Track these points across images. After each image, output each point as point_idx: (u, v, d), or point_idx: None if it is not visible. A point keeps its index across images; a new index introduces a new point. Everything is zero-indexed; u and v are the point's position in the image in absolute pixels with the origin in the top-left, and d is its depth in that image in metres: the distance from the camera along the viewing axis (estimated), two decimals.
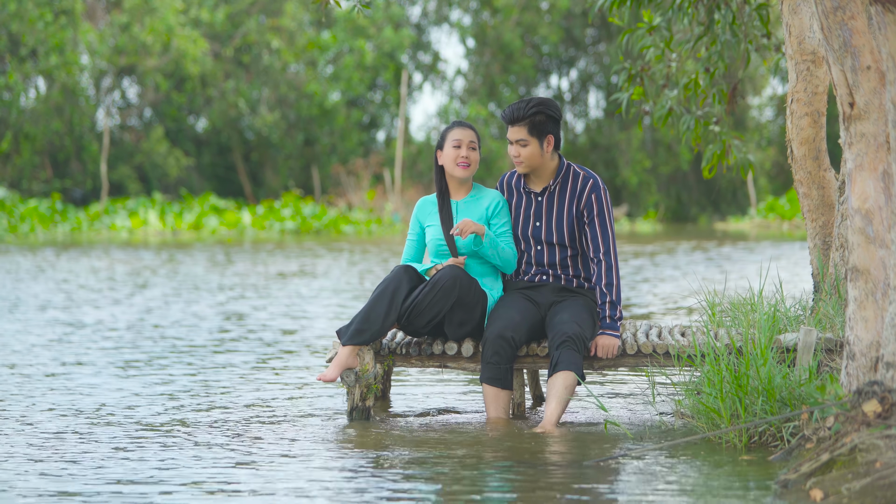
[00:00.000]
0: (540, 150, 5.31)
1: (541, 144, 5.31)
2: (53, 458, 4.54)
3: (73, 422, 5.32)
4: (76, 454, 4.61)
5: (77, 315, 9.85)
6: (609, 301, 5.29)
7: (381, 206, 30.27)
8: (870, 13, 3.99)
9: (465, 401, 5.98)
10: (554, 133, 5.34)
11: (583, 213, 5.34)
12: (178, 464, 4.43)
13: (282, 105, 34.59)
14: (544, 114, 5.30)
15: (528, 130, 5.29)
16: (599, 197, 5.33)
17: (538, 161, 5.34)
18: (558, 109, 5.36)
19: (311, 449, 4.72)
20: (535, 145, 5.31)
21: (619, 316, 5.29)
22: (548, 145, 5.33)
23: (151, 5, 32.40)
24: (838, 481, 3.68)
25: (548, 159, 5.36)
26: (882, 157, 4.14)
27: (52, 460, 4.50)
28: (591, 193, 5.33)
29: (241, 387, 6.37)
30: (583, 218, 5.34)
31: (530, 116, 5.29)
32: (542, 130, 5.30)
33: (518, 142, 5.31)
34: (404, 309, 5.21)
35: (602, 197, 5.33)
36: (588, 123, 38.03)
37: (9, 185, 30.66)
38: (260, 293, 11.98)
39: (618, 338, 5.27)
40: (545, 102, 5.31)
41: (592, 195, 5.33)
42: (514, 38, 35.10)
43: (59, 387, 6.31)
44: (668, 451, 4.59)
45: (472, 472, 4.28)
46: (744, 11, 7.35)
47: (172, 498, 3.93)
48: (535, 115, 5.29)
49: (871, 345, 4.17)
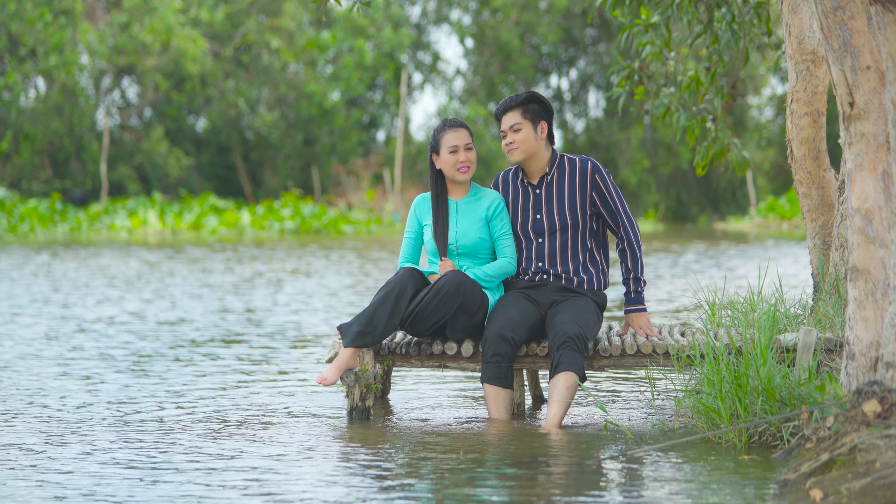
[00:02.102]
0: (534, 135, 5.35)
1: (534, 128, 5.35)
2: (46, 460, 4.54)
3: (65, 420, 5.31)
4: (67, 453, 4.61)
5: (73, 312, 9.84)
6: (634, 277, 5.38)
7: (381, 205, 30.27)
8: (870, 13, 3.99)
9: (465, 401, 5.98)
10: (547, 119, 5.39)
11: (593, 197, 5.37)
12: (175, 463, 4.43)
13: (281, 105, 34.58)
14: (537, 101, 5.37)
15: (521, 114, 5.35)
16: (603, 176, 5.37)
17: (533, 146, 5.36)
18: (548, 101, 5.44)
19: (310, 449, 4.72)
20: (528, 129, 5.34)
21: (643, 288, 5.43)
22: (542, 132, 5.37)
23: (151, 5, 32.39)
24: (838, 481, 3.68)
25: (542, 147, 5.38)
26: (882, 157, 4.14)
27: (45, 461, 4.50)
28: (594, 174, 5.37)
29: (240, 386, 6.37)
30: (594, 200, 5.38)
31: (523, 103, 5.36)
32: (536, 116, 5.36)
33: (512, 127, 5.34)
34: (407, 314, 5.21)
35: (605, 175, 5.38)
36: (588, 123, 38.01)
37: (9, 185, 30.65)
38: (259, 292, 11.98)
39: (645, 311, 5.41)
40: (534, 93, 5.41)
41: (596, 175, 5.37)
42: (513, 37, 35.08)
43: (51, 383, 6.31)
44: (668, 451, 4.59)
45: (473, 472, 4.28)
46: (744, 10, 7.35)
47: (169, 498, 3.93)
48: (529, 102, 5.36)
49: (870, 345, 4.17)
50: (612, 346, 5.30)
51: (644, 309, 5.42)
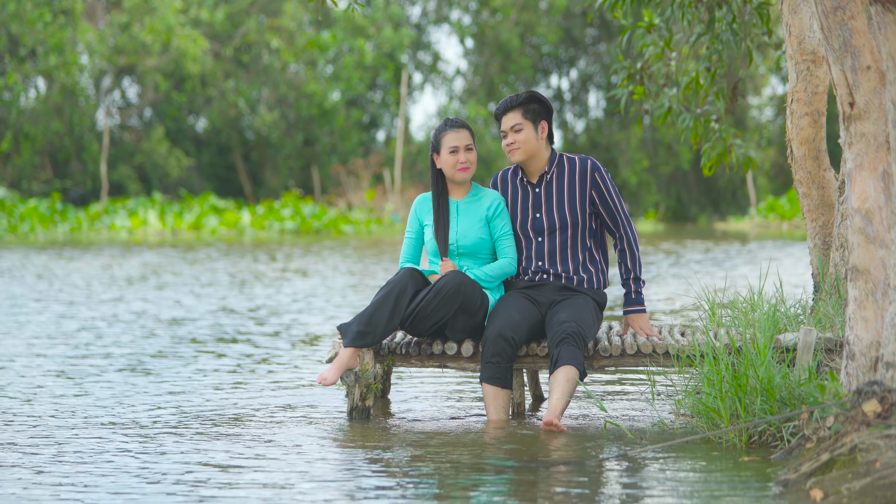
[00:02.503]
0: (535, 135, 5.37)
1: (535, 128, 5.36)
2: (38, 453, 4.54)
3: (64, 422, 5.31)
4: (67, 453, 4.61)
5: (74, 313, 9.85)
6: (634, 277, 5.41)
7: (381, 205, 30.27)
8: (870, 13, 3.99)
9: (464, 401, 5.98)
10: (547, 119, 5.40)
11: (592, 195, 5.39)
12: (174, 463, 4.43)
13: (281, 105, 34.58)
14: (537, 101, 5.39)
15: (522, 114, 5.37)
16: (602, 175, 5.40)
17: (534, 146, 5.37)
18: (549, 102, 5.45)
19: (310, 449, 4.72)
20: (529, 129, 5.36)
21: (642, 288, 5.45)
22: (542, 131, 5.38)
23: (151, 5, 32.39)
24: (838, 481, 3.68)
25: (542, 147, 5.40)
26: (882, 157, 4.14)
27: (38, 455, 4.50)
28: (594, 173, 5.39)
29: (239, 386, 6.37)
30: (593, 199, 5.40)
31: (524, 103, 5.38)
32: (537, 116, 5.37)
33: (513, 127, 5.36)
34: (407, 314, 5.21)
35: (605, 175, 5.41)
36: (588, 123, 38.02)
37: (9, 185, 30.66)
38: (259, 292, 11.99)
39: (645, 311, 5.43)
40: (535, 93, 5.43)
41: (595, 174, 5.39)
42: (513, 37, 35.08)
43: (51, 383, 6.31)
44: (668, 451, 4.59)
45: (472, 472, 4.28)
46: (744, 10, 7.35)
47: (169, 497, 3.93)
48: (529, 102, 5.38)
49: (871, 345, 4.17)
50: (612, 346, 5.30)
51: (643, 310, 5.43)
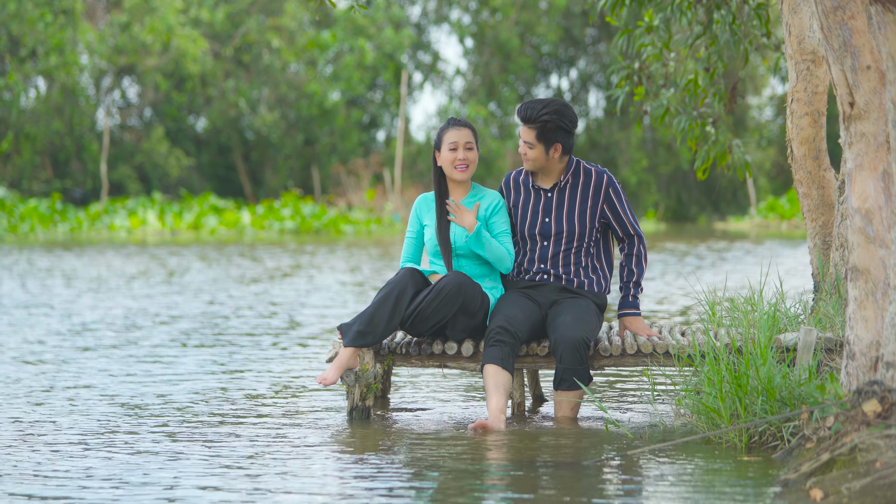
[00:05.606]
0: (545, 156, 5.36)
1: (546, 151, 5.34)
2: (34, 447, 4.54)
3: (63, 417, 5.31)
4: (64, 447, 4.61)
5: (75, 310, 9.85)
6: (635, 282, 5.44)
7: (381, 205, 30.26)
8: (870, 13, 3.99)
9: (465, 401, 5.98)
10: (563, 142, 5.34)
11: (604, 209, 5.41)
12: (174, 463, 4.43)
13: (282, 105, 34.57)
14: (556, 123, 5.29)
15: (535, 135, 5.32)
16: (617, 190, 5.43)
17: (542, 163, 5.40)
18: (573, 119, 5.32)
19: (310, 448, 4.72)
20: (540, 150, 5.35)
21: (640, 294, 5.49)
22: (554, 152, 5.36)
23: (151, 5, 32.38)
24: (838, 481, 3.68)
25: (555, 162, 5.40)
26: (882, 157, 4.14)
27: (34, 450, 4.50)
28: (609, 188, 5.42)
29: (239, 385, 6.37)
30: (605, 213, 5.42)
31: (541, 122, 5.29)
32: (550, 139, 5.32)
33: (526, 143, 5.35)
34: (408, 314, 5.21)
35: (619, 189, 5.44)
36: (588, 123, 38.00)
37: (9, 185, 30.65)
38: (259, 291, 11.98)
39: (640, 315, 5.45)
40: (560, 111, 5.29)
41: (610, 189, 5.42)
42: (513, 37, 35.07)
43: (51, 379, 6.31)
44: (668, 451, 4.59)
45: (472, 472, 4.28)
46: (743, 11, 7.34)
47: (169, 497, 3.93)
48: (547, 121, 5.29)
49: (871, 344, 4.17)
50: (613, 345, 5.30)
51: (638, 313, 5.44)
